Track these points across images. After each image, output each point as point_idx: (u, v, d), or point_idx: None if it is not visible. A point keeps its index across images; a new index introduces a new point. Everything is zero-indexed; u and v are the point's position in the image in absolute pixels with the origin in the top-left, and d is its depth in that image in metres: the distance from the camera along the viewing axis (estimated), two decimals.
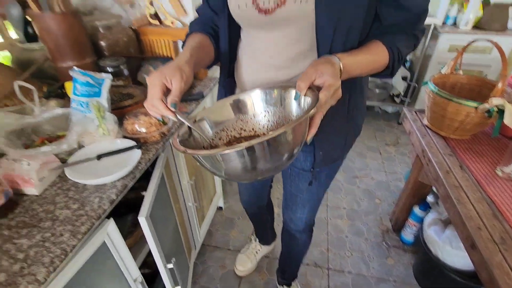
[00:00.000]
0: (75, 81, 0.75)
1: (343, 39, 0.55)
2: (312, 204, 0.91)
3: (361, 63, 0.55)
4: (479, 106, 1.03)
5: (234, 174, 0.47)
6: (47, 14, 0.83)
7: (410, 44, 0.60)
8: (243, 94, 0.61)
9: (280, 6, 0.55)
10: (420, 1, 0.56)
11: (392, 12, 0.56)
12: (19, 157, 0.64)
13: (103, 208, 0.62)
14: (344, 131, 0.71)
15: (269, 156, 0.45)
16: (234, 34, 0.68)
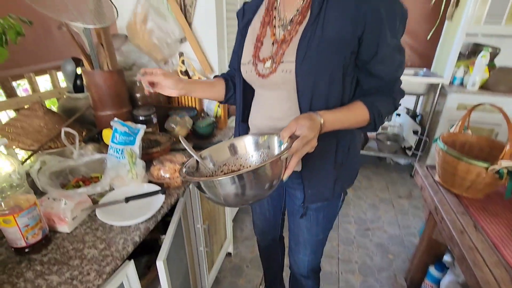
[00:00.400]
0: (115, 130, 0.85)
1: (321, 102, 0.68)
2: (313, 245, 0.96)
3: (342, 119, 0.67)
4: (489, 167, 1.05)
5: (227, 198, 0.58)
6: (97, 72, 0.98)
7: (388, 104, 0.71)
8: (237, 139, 0.75)
9: (272, 73, 0.71)
10: (392, 71, 0.68)
11: (368, 80, 0.70)
12: (58, 197, 0.72)
13: (127, 250, 0.66)
14: (332, 175, 0.80)
15: (254, 184, 0.57)
16: (247, 90, 0.84)
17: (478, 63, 2.12)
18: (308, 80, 0.67)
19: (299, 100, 0.70)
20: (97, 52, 0.95)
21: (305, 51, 0.65)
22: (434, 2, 2.45)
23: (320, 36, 0.64)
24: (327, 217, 0.90)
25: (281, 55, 0.69)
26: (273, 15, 0.73)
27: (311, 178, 0.79)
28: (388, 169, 2.79)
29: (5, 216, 0.59)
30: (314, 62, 0.65)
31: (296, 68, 0.67)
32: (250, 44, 0.76)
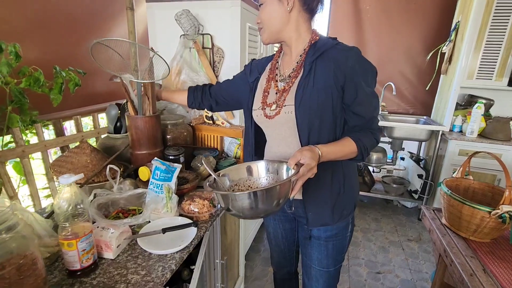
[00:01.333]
0: (157, 168, 0.98)
1: (316, 136, 0.86)
2: (325, 279, 1.05)
3: (335, 151, 0.83)
4: (491, 212, 1.12)
5: (240, 209, 0.71)
6: (140, 117, 1.14)
7: (370, 139, 0.88)
8: (253, 163, 0.89)
9: (277, 114, 0.90)
10: (370, 111, 0.87)
11: (352, 118, 0.88)
12: (106, 226, 0.81)
13: (165, 277, 0.74)
14: (329, 202, 0.94)
15: (265, 200, 0.70)
16: (258, 133, 1.03)
17: (474, 113, 2.29)
18: (305, 118, 0.86)
19: (299, 134, 0.88)
20: (142, 100, 1.12)
21: (301, 96, 0.85)
22: (430, 57, 2.71)
23: (312, 86, 0.84)
24: (336, 247, 1.00)
25: (283, 100, 0.89)
26: (275, 73, 0.96)
27: (311, 203, 0.94)
28: (396, 211, 2.82)
29: (69, 240, 0.68)
30: (308, 104, 0.85)
31: (295, 109, 0.86)
32: (259, 95, 0.97)
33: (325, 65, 0.84)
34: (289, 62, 0.93)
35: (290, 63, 0.92)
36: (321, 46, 0.86)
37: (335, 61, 0.83)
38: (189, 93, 1.20)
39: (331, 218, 0.95)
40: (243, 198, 0.69)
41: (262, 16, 0.88)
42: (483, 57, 2.28)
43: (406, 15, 2.76)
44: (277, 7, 0.85)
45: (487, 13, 2.18)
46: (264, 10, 0.87)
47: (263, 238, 2.33)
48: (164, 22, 1.50)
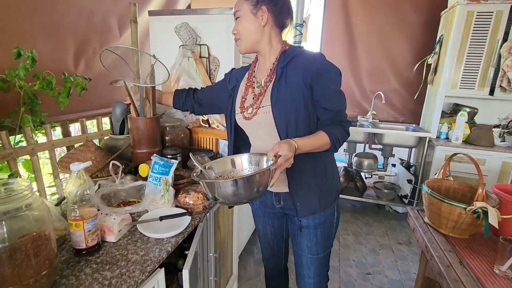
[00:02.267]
0: (156, 163, 1.07)
1: (294, 130, 0.96)
2: (316, 265, 1.13)
3: (310, 143, 0.92)
4: (467, 208, 1.21)
5: (225, 196, 0.79)
6: (141, 118, 1.24)
7: (341, 130, 0.97)
8: (237, 156, 0.99)
9: (255, 115, 1.01)
10: (337, 105, 0.96)
11: (322, 113, 0.97)
12: (109, 212, 0.90)
13: (162, 256, 0.82)
14: (315, 190, 1.03)
15: (246, 187, 0.77)
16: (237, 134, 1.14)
17: (458, 121, 2.41)
18: (281, 115, 0.96)
19: (278, 130, 0.98)
20: (143, 103, 1.23)
21: (276, 97, 0.96)
22: (417, 68, 2.85)
23: (284, 87, 0.96)
24: (324, 234, 1.09)
25: (260, 102, 1.00)
26: (252, 80, 1.07)
27: (298, 194, 1.03)
28: (387, 216, 2.89)
29: (77, 221, 0.77)
30: (283, 103, 0.96)
31: (272, 108, 0.97)
32: (238, 100, 1.08)
33: (294, 69, 0.96)
34: (264, 69, 1.05)
35: (265, 70, 1.04)
36: (289, 54, 0.98)
37: (302, 65, 0.94)
38: (175, 95, 1.31)
39: (318, 206, 1.04)
40: (227, 186, 0.77)
41: (238, 29, 0.99)
42: (465, 68, 2.42)
43: (394, 29, 2.93)
44: (252, 22, 0.96)
45: (467, 28, 2.34)
46: (241, 23, 0.98)
47: (257, 240, 2.39)
48: (165, 33, 1.62)
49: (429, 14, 2.79)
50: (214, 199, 0.81)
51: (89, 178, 0.80)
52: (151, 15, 1.64)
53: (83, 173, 0.78)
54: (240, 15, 0.97)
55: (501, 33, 2.28)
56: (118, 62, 1.14)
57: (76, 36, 1.47)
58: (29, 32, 1.25)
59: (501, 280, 1.03)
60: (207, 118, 1.57)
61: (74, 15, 1.44)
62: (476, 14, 2.29)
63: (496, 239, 1.29)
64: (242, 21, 0.97)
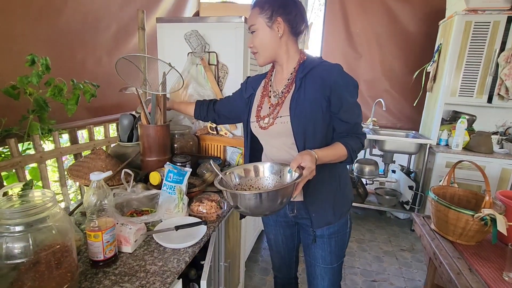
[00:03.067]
0: (170, 171, 1.06)
1: (311, 141, 0.96)
2: (330, 275, 1.12)
3: (329, 154, 0.93)
4: (474, 215, 1.22)
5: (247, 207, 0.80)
6: (152, 126, 1.23)
7: (357, 142, 0.98)
8: (259, 164, 0.99)
9: (271, 125, 1.01)
10: (354, 117, 0.98)
11: (340, 124, 0.98)
12: (125, 222, 0.89)
13: (181, 267, 0.81)
14: (330, 200, 1.03)
15: (270, 200, 0.79)
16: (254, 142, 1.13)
17: (458, 128, 2.45)
18: (300, 126, 0.96)
19: (296, 141, 0.98)
20: (155, 111, 1.22)
21: (295, 107, 0.96)
22: (416, 76, 2.90)
23: (303, 98, 0.96)
24: (339, 244, 1.09)
25: (277, 113, 1.00)
26: (268, 89, 1.07)
27: (313, 204, 1.02)
28: (389, 222, 2.90)
29: (95, 232, 0.76)
30: (302, 115, 0.96)
31: (291, 119, 0.97)
32: (254, 109, 1.08)
33: (313, 81, 0.96)
34: (281, 79, 1.04)
35: (282, 80, 1.04)
36: (308, 65, 0.98)
37: (321, 77, 0.95)
38: (196, 106, 1.31)
39: (332, 216, 1.04)
40: (250, 198, 0.78)
41: (255, 42, 0.99)
42: (464, 76, 2.47)
43: (393, 38, 2.98)
44: (269, 34, 0.96)
45: (465, 37, 2.40)
46: (257, 37, 0.97)
47: (261, 248, 2.37)
48: (173, 40, 1.63)
49: (427, 24, 2.85)
50: (236, 208, 0.82)
51: (107, 187, 0.79)
52: (159, 22, 1.64)
53: (102, 183, 0.77)
54: (255, 29, 0.97)
55: (498, 42, 2.34)
56: (130, 70, 1.13)
57: (82, 42, 1.46)
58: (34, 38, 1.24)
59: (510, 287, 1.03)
60: (215, 126, 1.57)
61: (80, 21, 1.44)
62: (474, 24, 2.36)
63: (503, 245, 1.30)
64: (258, 34, 0.97)
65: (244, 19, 1.52)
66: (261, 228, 2.42)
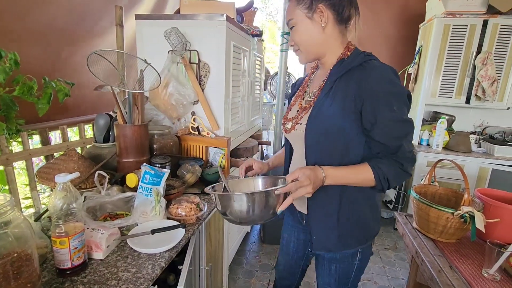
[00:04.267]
0: (146, 172, 1.02)
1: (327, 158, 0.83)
2: None
3: (345, 175, 0.80)
4: (454, 213, 1.24)
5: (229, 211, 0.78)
6: (129, 126, 1.18)
7: (395, 168, 0.81)
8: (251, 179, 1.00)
9: (292, 130, 0.92)
10: (393, 138, 0.79)
11: (374, 145, 0.83)
12: (96, 227, 0.83)
13: (156, 273, 0.77)
14: (334, 228, 0.89)
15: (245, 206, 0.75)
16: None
17: (438, 128, 2.51)
18: (313, 138, 0.84)
19: (306, 153, 0.86)
20: (132, 110, 1.17)
21: (315, 116, 0.83)
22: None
23: (328, 106, 0.81)
24: (340, 271, 0.96)
25: (300, 118, 0.89)
26: (304, 90, 0.97)
27: (314, 225, 0.91)
28: None
29: (61, 238, 0.71)
30: (320, 125, 0.82)
31: (306, 128, 0.85)
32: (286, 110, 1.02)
33: (346, 85, 0.80)
34: (319, 78, 0.91)
35: (320, 79, 0.90)
36: (347, 64, 0.82)
37: (357, 82, 0.78)
38: None
39: (334, 245, 0.91)
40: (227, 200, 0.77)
41: (295, 39, 0.86)
42: (443, 78, 2.54)
43: (376, 40, 3.04)
44: (310, 27, 0.82)
45: (444, 40, 2.46)
46: (297, 32, 0.84)
47: (246, 251, 2.34)
48: (152, 38, 1.58)
49: (408, 27, 2.92)
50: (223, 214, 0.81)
51: (75, 190, 0.74)
52: (138, 19, 1.59)
53: (69, 185, 0.72)
54: (294, 24, 0.84)
55: (475, 45, 2.42)
56: (105, 67, 1.08)
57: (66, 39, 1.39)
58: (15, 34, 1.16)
59: (490, 283, 1.05)
60: (197, 125, 1.53)
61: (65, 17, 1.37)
62: (452, 27, 2.43)
63: (481, 242, 1.33)
64: (298, 29, 0.84)
65: (226, 17, 1.49)
66: (247, 230, 2.39)
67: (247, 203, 0.73)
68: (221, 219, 1.50)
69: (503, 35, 2.37)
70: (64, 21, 1.37)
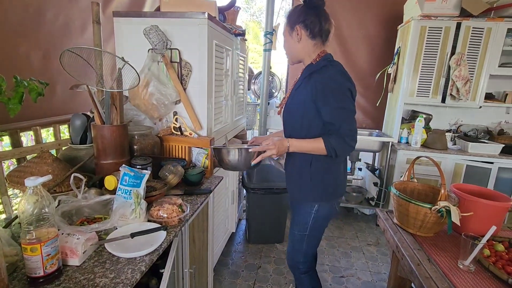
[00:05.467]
0: (125, 174, 0.98)
1: (296, 134, 1.20)
2: (291, 240, 1.38)
3: (302, 145, 1.15)
4: (432, 207, 1.28)
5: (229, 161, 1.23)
6: (107, 126, 1.14)
7: (340, 142, 1.10)
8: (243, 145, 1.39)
9: (279, 113, 1.31)
10: (338, 120, 1.10)
11: (325, 123, 1.14)
12: (71, 232, 0.80)
13: (135, 278, 0.74)
14: (298, 182, 1.27)
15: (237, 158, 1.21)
16: None
17: (417, 126, 2.60)
18: (287, 119, 1.24)
19: (284, 130, 1.27)
20: (110, 110, 1.13)
21: (290, 103, 1.22)
22: (378, 78, 3.04)
23: (297, 97, 1.19)
24: (298, 218, 1.31)
25: (283, 105, 1.28)
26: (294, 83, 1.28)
27: (288, 182, 1.33)
28: (356, 219, 3.00)
29: (33, 245, 0.67)
30: (291, 110, 1.21)
31: (283, 111, 1.25)
32: None
33: (308, 83, 1.14)
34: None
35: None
36: (313, 67, 1.16)
37: (314, 80, 1.12)
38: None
39: (299, 195, 1.28)
40: (220, 152, 1.23)
41: (284, 47, 1.24)
42: (421, 78, 2.63)
43: (358, 41, 3.10)
44: (290, 40, 1.20)
45: (421, 41, 2.55)
46: (285, 43, 1.23)
47: (232, 251, 2.33)
48: (132, 36, 1.53)
49: (387, 28, 3.00)
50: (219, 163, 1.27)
51: (47, 194, 0.70)
52: (116, 16, 1.54)
53: (40, 189, 0.69)
54: (284, 37, 1.23)
55: (449, 46, 2.52)
56: (81, 65, 1.04)
57: (24, 36, 1.32)
58: None
59: (465, 274, 1.09)
60: (179, 125, 1.50)
61: (20, 12, 1.30)
62: (428, 29, 2.52)
63: (457, 235, 1.39)
64: (285, 41, 1.23)
65: (208, 15, 1.47)
66: (232, 230, 2.37)
67: (236, 155, 1.19)
68: (205, 220, 1.48)
69: (475, 37, 2.48)
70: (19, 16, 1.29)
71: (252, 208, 2.33)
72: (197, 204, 1.22)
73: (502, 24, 2.42)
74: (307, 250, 1.35)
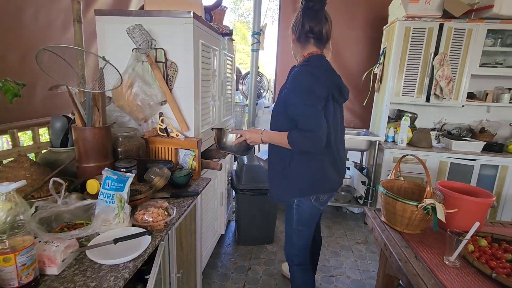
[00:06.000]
0: (108, 177, 0.95)
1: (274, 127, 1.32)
2: (285, 234, 1.46)
3: (271, 136, 1.29)
4: (418, 205, 1.30)
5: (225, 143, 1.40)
6: (89, 128, 1.10)
7: (299, 136, 1.17)
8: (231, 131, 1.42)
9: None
10: (297, 115, 1.19)
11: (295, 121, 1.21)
12: (50, 239, 0.76)
13: (118, 285, 0.71)
14: (278, 183, 1.37)
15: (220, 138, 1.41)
16: None
17: (402, 125, 2.64)
18: (273, 114, 1.35)
19: (270, 127, 1.36)
20: (91, 111, 1.09)
21: (276, 102, 1.34)
22: (364, 78, 3.08)
23: (279, 96, 1.30)
24: (286, 213, 1.42)
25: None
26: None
27: (269, 182, 1.43)
28: (345, 218, 3.03)
29: (6, 255, 0.63)
30: (276, 106, 1.33)
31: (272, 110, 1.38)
32: None
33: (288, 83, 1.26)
34: None
35: None
36: (294, 68, 1.32)
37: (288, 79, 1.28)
38: None
39: (282, 195, 1.38)
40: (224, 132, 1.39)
41: None
42: (406, 78, 2.68)
43: (346, 42, 3.13)
44: (291, 44, 1.35)
45: (405, 42, 2.60)
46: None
47: (221, 253, 2.30)
48: (115, 35, 1.49)
49: (373, 28, 3.05)
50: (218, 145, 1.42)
51: (22, 201, 0.66)
52: (98, 15, 1.49)
53: (14, 195, 0.65)
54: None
55: (433, 47, 2.58)
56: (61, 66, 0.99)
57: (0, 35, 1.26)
58: None
59: (451, 270, 1.11)
60: (165, 127, 1.47)
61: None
62: (412, 29, 2.57)
63: (443, 232, 1.41)
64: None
65: (193, 14, 1.44)
66: (221, 232, 2.35)
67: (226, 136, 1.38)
68: (193, 222, 1.46)
69: (457, 37, 2.55)
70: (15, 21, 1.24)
71: (241, 209, 2.31)
72: (184, 206, 1.19)
73: (482, 25, 2.50)
74: (297, 243, 1.43)
